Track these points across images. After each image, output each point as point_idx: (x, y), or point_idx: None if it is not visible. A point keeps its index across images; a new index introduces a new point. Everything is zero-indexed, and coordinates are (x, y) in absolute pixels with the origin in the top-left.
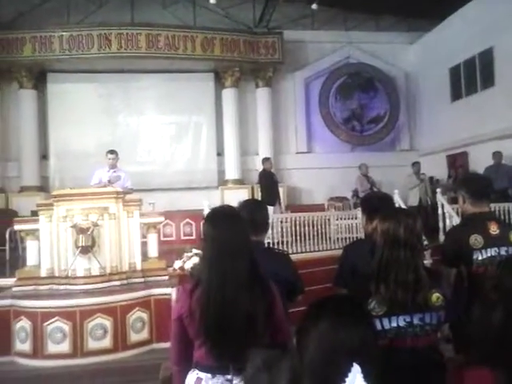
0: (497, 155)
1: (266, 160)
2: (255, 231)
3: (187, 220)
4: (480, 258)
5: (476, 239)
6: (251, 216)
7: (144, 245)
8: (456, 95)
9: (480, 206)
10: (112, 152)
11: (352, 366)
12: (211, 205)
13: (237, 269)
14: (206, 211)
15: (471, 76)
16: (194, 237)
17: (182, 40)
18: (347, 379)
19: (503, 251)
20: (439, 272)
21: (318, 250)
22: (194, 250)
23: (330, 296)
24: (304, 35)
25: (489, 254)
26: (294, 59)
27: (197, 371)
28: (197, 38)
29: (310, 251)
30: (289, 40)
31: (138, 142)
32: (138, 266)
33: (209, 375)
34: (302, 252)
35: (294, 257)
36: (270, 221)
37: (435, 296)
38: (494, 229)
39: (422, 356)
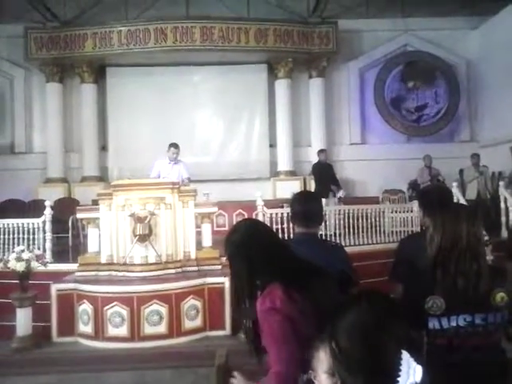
0: None
1: (320, 152)
2: (308, 223)
3: (239, 210)
4: None
5: None
6: (304, 207)
7: (198, 234)
8: None
9: None
10: (176, 147)
11: (401, 353)
12: (263, 196)
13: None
14: (259, 202)
15: None
16: None
17: (236, 32)
18: (402, 367)
19: None
20: (503, 269)
21: (372, 243)
22: None
23: (367, 288)
24: (358, 24)
25: None
26: (348, 49)
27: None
28: (250, 29)
29: (364, 244)
30: (343, 29)
31: (192, 133)
32: (193, 255)
33: None
34: (355, 245)
35: (347, 249)
36: (323, 213)
37: (500, 296)
38: None
39: (484, 355)
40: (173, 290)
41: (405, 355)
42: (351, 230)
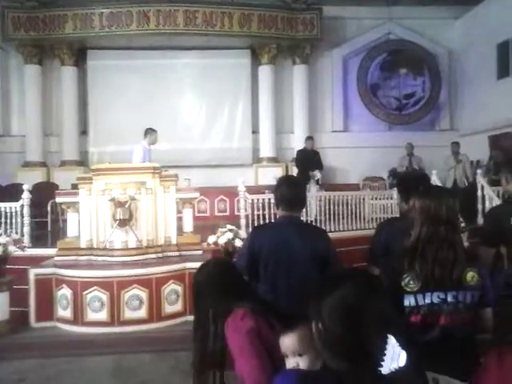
0: None
1: (306, 139)
2: (292, 206)
3: (221, 197)
4: None
5: None
6: (291, 191)
7: (179, 220)
8: (503, 73)
9: None
10: (156, 131)
11: (387, 337)
12: (245, 182)
13: None
14: (240, 188)
15: None
16: (227, 213)
17: (220, 16)
18: (387, 352)
19: None
20: (475, 254)
21: (352, 230)
22: (228, 226)
23: (348, 269)
24: (343, 11)
25: None
26: (332, 36)
27: None
28: (234, 14)
29: (344, 230)
30: (327, 16)
31: (174, 118)
32: (173, 240)
33: None
34: (335, 231)
35: None
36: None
37: (470, 275)
38: None
39: (455, 334)
40: (153, 275)
41: (390, 340)
42: (332, 216)
